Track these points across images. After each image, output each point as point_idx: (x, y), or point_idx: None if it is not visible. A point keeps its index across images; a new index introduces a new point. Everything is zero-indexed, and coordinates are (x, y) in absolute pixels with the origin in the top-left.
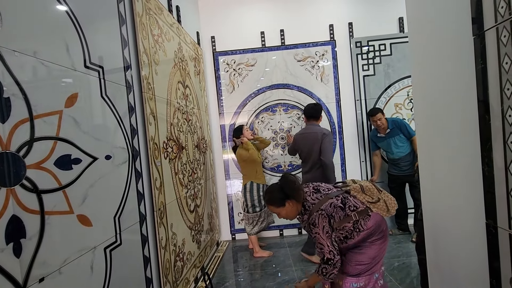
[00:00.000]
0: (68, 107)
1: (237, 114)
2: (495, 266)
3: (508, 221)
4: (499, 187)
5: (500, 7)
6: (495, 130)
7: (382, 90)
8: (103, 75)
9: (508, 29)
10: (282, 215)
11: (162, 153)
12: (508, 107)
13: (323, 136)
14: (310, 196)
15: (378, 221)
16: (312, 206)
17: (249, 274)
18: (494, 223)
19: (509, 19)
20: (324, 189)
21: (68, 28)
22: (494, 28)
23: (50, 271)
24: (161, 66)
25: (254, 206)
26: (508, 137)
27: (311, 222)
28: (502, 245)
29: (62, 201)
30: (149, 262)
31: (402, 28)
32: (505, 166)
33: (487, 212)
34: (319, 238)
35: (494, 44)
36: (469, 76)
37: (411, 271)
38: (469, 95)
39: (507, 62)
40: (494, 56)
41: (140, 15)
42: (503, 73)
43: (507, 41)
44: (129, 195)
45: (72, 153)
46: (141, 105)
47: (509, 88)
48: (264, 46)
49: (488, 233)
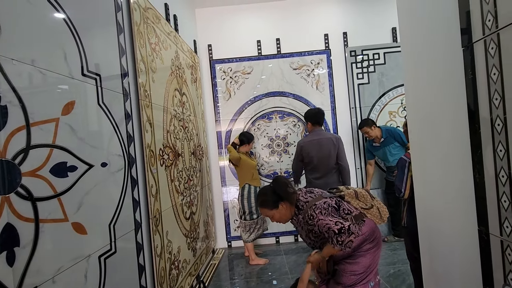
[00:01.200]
0: (64, 115)
1: (233, 121)
2: (488, 272)
3: (499, 228)
4: (490, 194)
5: (487, 20)
6: (485, 138)
7: (376, 98)
8: (100, 83)
9: (495, 41)
10: (276, 219)
11: (158, 160)
12: (496, 116)
13: (339, 141)
14: (303, 196)
15: (372, 227)
16: (305, 204)
17: (245, 282)
18: (486, 229)
19: (496, 32)
20: (318, 191)
21: (66, 36)
22: (482, 40)
23: (43, 280)
24: (158, 73)
25: (251, 213)
26: (498, 145)
27: (307, 218)
28: (494, 252)
29: (57, 209)
30: (144, 270)
31: (395, 37)
32: (495, 173)
33: (479, 219)
34: (321, 223)
35: (482, 55)
36: (459, 86)
37: (406, 278)
38: (460, 104)
39: (495, 73)
40: (483, 67)
41: (138, 24)
42: (491, 84)
43: (494, 53)
44: (125, 202)
45: (68, 161)
46: (137, 113)
47: (497, 98)
48: (261, 54)
49: (480, 240)
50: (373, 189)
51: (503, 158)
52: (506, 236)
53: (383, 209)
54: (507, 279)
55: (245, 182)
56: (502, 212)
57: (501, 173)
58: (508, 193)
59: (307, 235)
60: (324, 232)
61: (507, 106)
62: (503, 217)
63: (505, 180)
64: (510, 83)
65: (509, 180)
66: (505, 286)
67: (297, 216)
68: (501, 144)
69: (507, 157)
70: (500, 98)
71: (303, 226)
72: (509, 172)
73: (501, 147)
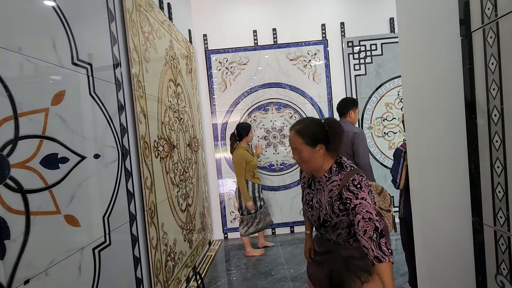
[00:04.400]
0: (55, 105)
1: (229, 112)
2: (481, 262)
3: (493, 219)
4: (485, 185)
5: (486, 9)
6: (481, 129)
7: (373, 90)
8: (92, 72)
9: (494, 30)
10: (301, 157)
11: (153, 152)
12: (493, 106)
13: (355, 136)
14: (346, 161)
15: (386, 231)
16: (352, 168)
17: (241, 273)
18: (480, 220)
19: (495, 21)
20: None
21: (55, 24)
22: (481, 29)
23: (35, 273)
24: (152, 64)
25: (248, 208)
26: (494, 136)
27: (352, 183)
28: (488, 242)
29: (49, 201)
30: (140, 262)
31: (393, 28)
32: (491, 164)
33: (474, 210)
34: (366, 206)
35: (481, 45)
36: (457, 76)
37: (400, 268)
38: (457, 95)
39: (493, 63)
40: (481, 56)
41: (130, 12)
42: (489, 74)
43: (493, 42)
44: (119, 194)
45: (59, 152)
46: (131, 103)
47: (495, 89)
48: (257, 44)
49: (474, 230)
50: None
51: (499, 149)
52: (500, 226)
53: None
54: (500, 269)
55: (245, 178)
56: (496, 203)
57: (497, 163)
58: (503, 184)
59: (327, 204)
60: (357, 217)
61: (504, 96)
62: (497, 207)
63: (500, 171)
64: (508, 73)
65: (504, 170)
66: (498, 275)
67: (330, 174)
68: (497, 135)
69: (503, 148)
70: (497, 88)
71: (331, 190)
72: (505, 163)
73: (497, 137)
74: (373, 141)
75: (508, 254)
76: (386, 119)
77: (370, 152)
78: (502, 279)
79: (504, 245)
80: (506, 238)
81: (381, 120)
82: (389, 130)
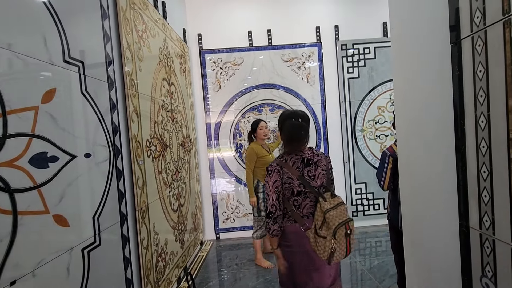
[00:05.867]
0: (45, 103)
1: (223, 113)
2: (467, 264)
3: (479, 222)
4: (472, 189)
5: (475, 17)
6: (469, 134)
7: (366, 93)
8: (84, 70)
9: (482, 38)
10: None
11: (145, 151)
12: (481, 113)
13: None
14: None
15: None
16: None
17: (232, 274)
18: (467, 223)
19: (484, 29)
20: (310, 157)
21: (46, 21)
22: (470, 37)
23: (22, 274)
24: (145, 62)
25: (259, 210)
26: (481, 141)
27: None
28: (473, 245)
29: (37, 200)
30: (130, 263)
31: (386, 32)
32: (477, 169)
33: (461, 213)
34: (267, 188)
35: (469, 52)
36: (446, 82)
37: (390, 269)
38: (446, 101)
39: (481, 70)
40: (470, 64)
41: (123, 10)
42: (477, 81)
43: (481, 50)
44: (110, 194)
45: (49, 151)
46: (123, 102)
47: (482, 95)
48: (251, 45)
49: (461, 233)
50: (359, 183)
51: (485, 154)
52: (485, 229)
53: (338, 253)
54: (485, 271)
55: (256, 178)
56: (482, 207)
57: (483, 168)
58: (489, 188)
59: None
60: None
61: (491, 103)
62: (483, 211)
63: (486, 176)
64: (495, 80)
65: (490, 175)
66: (483, 277)
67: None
68: (484, 141)
69: (489, 153)
70: (485, 95)
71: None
72: (491, 168)
73: (484, 143)
74: (365, 144)
75: (493, 256)
76: (378, 122)
77: (362, 155)
78: (486, 281)
79: (489, 248)
80: (491, 241)
81: (373, 123)
82: (380, 133)
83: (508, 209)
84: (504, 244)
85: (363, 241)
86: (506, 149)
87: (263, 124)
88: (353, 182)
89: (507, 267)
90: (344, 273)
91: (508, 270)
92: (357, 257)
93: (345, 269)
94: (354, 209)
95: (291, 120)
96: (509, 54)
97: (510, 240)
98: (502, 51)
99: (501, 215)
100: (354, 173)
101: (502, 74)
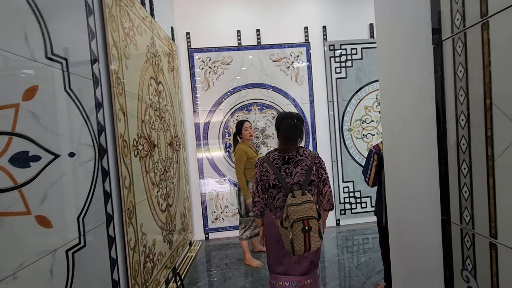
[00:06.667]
0: (26, 100)
1: (212, 112)
2: (449, 258)
3: (459, 217)
4: (453, 185)
5: (456, 19)
6: (449, 132)
7: (353, 93)
8: (67, 68)
9: (462, 40)
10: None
11: (132, 151)
12: (461, 112)
13: None
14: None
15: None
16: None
17: (222, 273)
18: (448, 218)
19: (463, 31)
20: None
21: (27, 16)
22: (451, 39)
23: (3, 277)
24: (132, 60)
25: (247, 210)
26: (461, 139)
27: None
28: (455, 239)
29: (18, 201)
30: (117, 264)
31: (372, 33)
32: (458, 166)
33: (443, 209)
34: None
35: (450, 53)
36: (429, 82)
37: (376, 266)
38: (429, 100)
39: (461, 71)
40: (450, 64)
41: (109, 6)
42: (458, 81)
43: (461, 51)
44: (95, 194)
45: (30, 150)
46: (109, 101)
47: (462, 95)
48: (240, 45)
49: (443, 228)
50: (347, 181)
51: (466, 152)
52: (465, 224)
53: (297, 244)
54: (465, 264)
55: (245, 178)
56: (463, 202)
57: (463, 165)
58: (469, 184)
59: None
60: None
61: (470, 102)
62: (463, 206)
63: (466, 172)
64: (474, 81)
65: (469, 172)
66: (463, 270)
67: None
68: (464, 138)
69: (468, 150)
70: (464, 94)
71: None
72: (470, 165)
73: (464, 141)
74: (352, 143)
75: (472, 250)
76: (365, 122)
77: (350, 154)
78: (467, 274)
79: (469, 241)
80: (471, 235)
81: (360, 122)
82: (367, 132)
83: (486, 204)
84: (483, 238)
85: (351, 239)
86: (484, 147)
87: (248, 125)
88: (341, 181)
89: (486, 260)
90: (332, 271)
91: (486, 263)
92: (345, 254)
93: (333, 266)
94: (342, 207)
95: (287, 120)
96: (487, 55)
97: (488, 233)
98: (480, 52)
99: (480, 210)
100: (342, 172)
101: (480, 74)
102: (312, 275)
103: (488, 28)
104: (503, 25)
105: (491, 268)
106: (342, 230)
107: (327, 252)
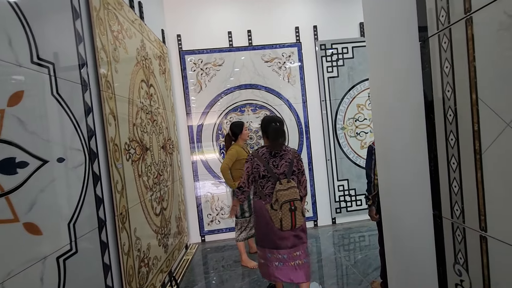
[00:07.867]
0: (11, 106)
1: (205, 114)
2: (441, 253)
3: (450, 211)
4: (443, 180)
5: (441, 16)
6: (438, 128)
7: (345, 92)
8: (54, 72)
9: (447, 36)
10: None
11: (124, 154)
12: (448, 107)
13: None
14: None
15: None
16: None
17: (218, 276)
18: (440, 213)
19: (448, 27)
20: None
21: (11, 20)
22: (436, 35)
23: None
24: (121, 64)
25: (243, 211)
26: (449, 134)
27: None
28: (446, 234)
29: (5, 208)
30: (110, 270)
31: (363, 32)
32: (447, 161)
33: (434, 203)
34: (244, 170)
35: (436, 49)
36: (417, 79)
37: (372, 263)
38: (418, 96)
39: (447, 67)
40: (437, 60)
41: (97, 9)
42: (444, 76)
43: (447, 47)
44: (86, 199)
45: (17, 156)
46: (99, 105)
47: (449, 90)
48: (232, 46)
49: (434, 223)
50: (341, 180)
51: (454, 146)
52: (456, 218)
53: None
54: (457, 258)
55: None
56: (453, 197)
57: (452, 160)
58: (458, 179)
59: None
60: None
61: (457, 98)
62: (453, 201)
63: (455, 167)
64: (460, 76)
65: (458, 167)
66: (456, 264)
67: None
68: (452, 133)
69: (457, 145)
70: (451, 90)
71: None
72: (459, 160)
73: (452, 136)
74: (346, 141)
75: (463, 244)
76: (358, 120)
77: (344, 152)
78: (459, 267)
79: (460, 235)
80: (461, 229)
81: (353, 120)
82: (360, 130)
83: (475, 198)
84: (473, 231)
85: (347, 237)
86: (472, 141)
87: (246, 125)
88: (336, 179)
89: (477, 253)
90: (329, 269)
91: (477, 255)
92: (341, 253)
93: (330, 264)
94: (338, 205)
95: (273, 124)
96: (472, 50)
97: (478, 227)
98: (465, 48)
99: (469, 204)
100: (337, 171)
101: (466, 70)
102: (301, 248)
103: (472, 24)
104: (486, 20)
105: (482, 260)
106: (338, 228)
107: (324, 250)
